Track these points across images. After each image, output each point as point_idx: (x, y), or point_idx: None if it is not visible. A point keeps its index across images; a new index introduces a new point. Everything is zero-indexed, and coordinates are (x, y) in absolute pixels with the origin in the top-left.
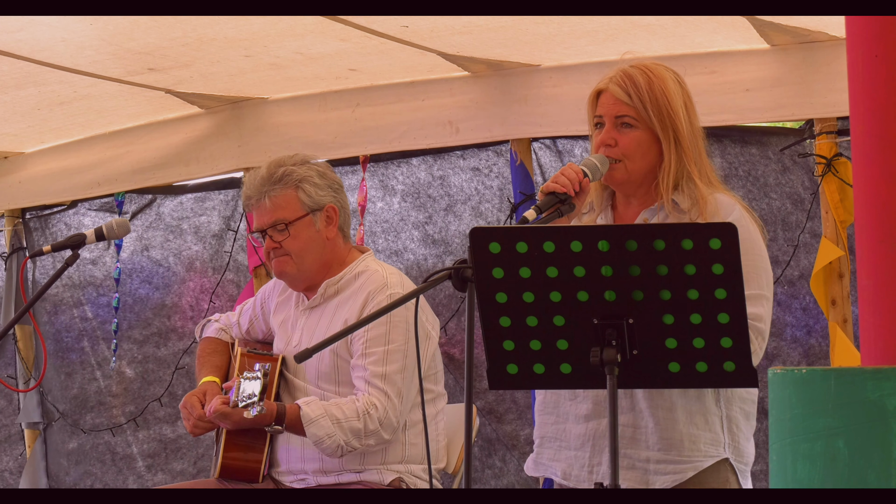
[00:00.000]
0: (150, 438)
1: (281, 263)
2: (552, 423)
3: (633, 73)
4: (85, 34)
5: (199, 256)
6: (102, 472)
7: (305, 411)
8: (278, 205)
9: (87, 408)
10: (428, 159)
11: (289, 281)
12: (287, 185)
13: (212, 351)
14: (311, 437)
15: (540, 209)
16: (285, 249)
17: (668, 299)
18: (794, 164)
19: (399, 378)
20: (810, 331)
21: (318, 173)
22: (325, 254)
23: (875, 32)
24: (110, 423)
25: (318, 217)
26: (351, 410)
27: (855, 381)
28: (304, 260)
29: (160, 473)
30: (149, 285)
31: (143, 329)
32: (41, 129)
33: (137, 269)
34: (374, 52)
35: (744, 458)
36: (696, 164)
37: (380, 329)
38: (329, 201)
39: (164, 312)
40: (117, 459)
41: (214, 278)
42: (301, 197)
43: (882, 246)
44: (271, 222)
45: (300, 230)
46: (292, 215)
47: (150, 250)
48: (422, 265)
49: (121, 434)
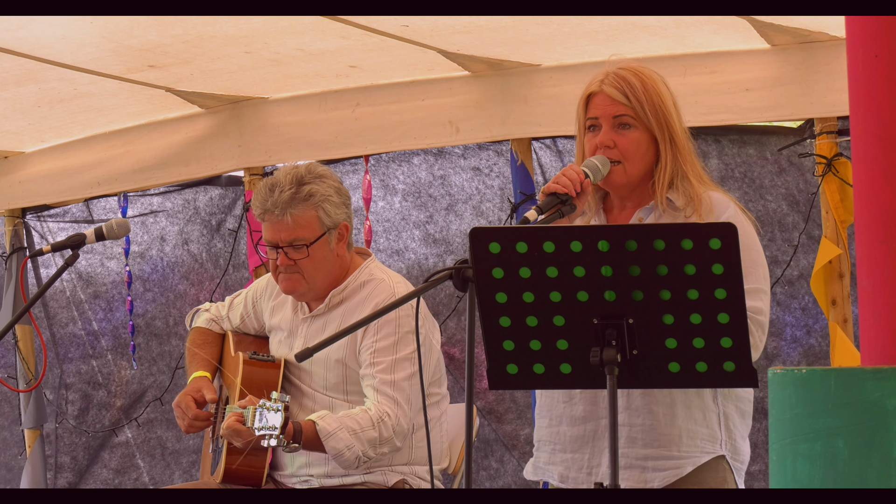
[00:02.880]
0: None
1: (292, 282)
2: (546, 426)
3: (626, 74)
4: (85, 31)
5: (201, 256)
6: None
7: (322, 426)
8: (300, 224)
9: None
10: (429, 158)
11: (297, 297)
12: (310, 205)
13: (202, 342)
14: (330, 451)
15: (541, 209)
16: (299, 267)
17: (668, 299)
18: (790, 165)
19: (407, 385)
20: (810, 331)
21: (335, 190)
22: (335, 269)
23: (875, 32)
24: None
25: (333, 235)
26: (365, 420)
27: (855, 381)
28: (316, 278)
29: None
30: (152, 285)
31: (149, 329)
32: (41, 128)
33: (138, 269)
34: (374, 49)
35: (740, 456)
36: (690, 163)
37: (388, 340)
38: (343, 219)
39: (165, 312)
40: (166, 454)
41: (215, 278)
42: (321, 216)
43: (882, 246)
44: (290, 240)
45: (317, 249)
46: (312, 235)
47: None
48: (423, 265)
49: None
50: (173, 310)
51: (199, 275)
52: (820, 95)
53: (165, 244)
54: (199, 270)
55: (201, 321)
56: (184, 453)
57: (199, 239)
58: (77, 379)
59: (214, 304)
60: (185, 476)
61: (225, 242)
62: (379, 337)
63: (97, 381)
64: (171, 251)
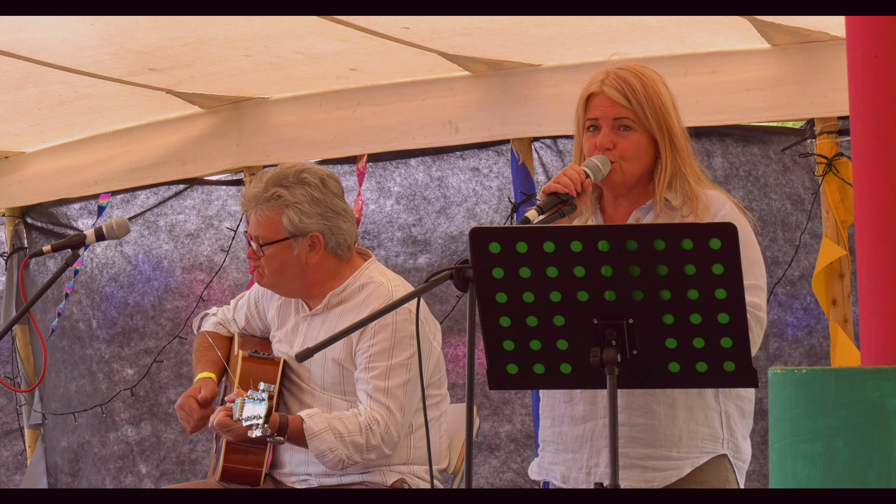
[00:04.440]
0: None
1: (256, 274)
2: (549, 426)
3: (626, 75)
4: (86, 34)
5: (204, 254)
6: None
7: (308, 424)
8: (261, 223)
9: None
10: (427, 160)
11: (273, 291)
12: (273, 207)
13: (208, 345)
14: (313, 450)
15: (542, 209)
16: (261, 263)
17: (668, 299)
18: (794, 164)
19: (401, 392)
20: (811, 331)
21: (310, 199)
22: (305, 277)
23: (875, 32)
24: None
25: (300, 243)
26: (353, 425)
27: (855, 381)
28: (277, 280)
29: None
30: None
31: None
32: (41, 129)
33: (139, 271)
34: (374, 52)
35: (741, 455)
36: (688, 163)
37: (384, 344)
38: (315, 229)
39: (167, 311)
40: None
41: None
42: (284, 221)
43: (882, 246)
44: (254, 234)
45: (277, 252)
46: (271, 236)
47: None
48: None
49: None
50: (174, 309)
51: (198, 275)
52: (820, 95)
53: (165, 244)
54: (198, 271)
55: (208, 325)
56: (184, 454)
57: (197, 239)
58: (76, 377)
59: (221, 308)
60: (185, 476)
61: (224, 243)
62: (375, 341)
63: (97, 380)
64: (171, 251)
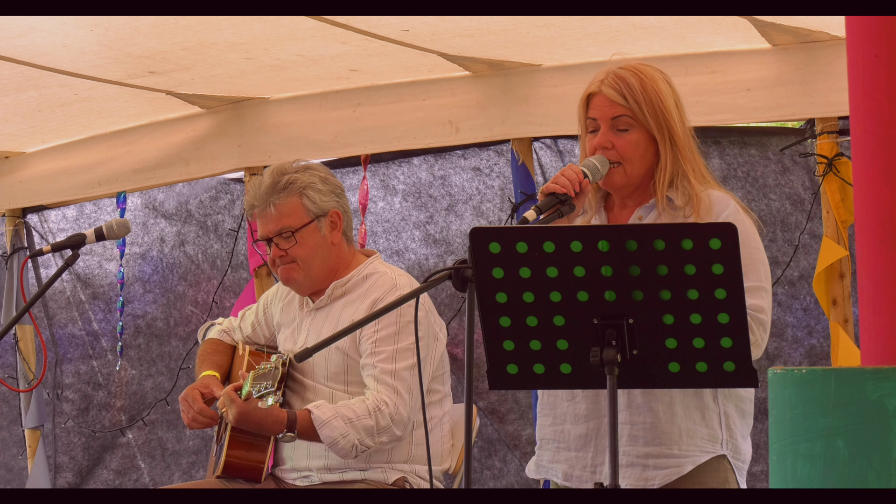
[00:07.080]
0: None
1: (288, 270)
2: (550, 424)
3: (625, 74)
4: (85, 39)
5: (197, 257)
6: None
7: (317, 414)
8: (283, 212)
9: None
10: (429, 159)
11: (296, 287)
12: (291, 193)
13: (213, 351)
14: (325, 439)
15: (540, 210)
16: (292, 256)
17: (668, 299)
18: (794, 165)
19: (409, 374)
20: (811, 331)
21: (320, 179)
22: (331, 259)
23: (875, 32)
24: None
25: (323, 223)
26: (361, 409)
27: (855, 381)
28: (311, 266)
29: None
30: (151, 286)
31: (147, 329)
32: (42, 130)
33: (139, 270)
34: (375, 53)
35: (741, 455)
36: (690, 161)
37: (389, 329)
38: (333, 206)
39: (165, 313)
40: (167, 455)
41: (216, 277)
42: (306, 203)
43: (882, 246)
44: (277, 230)
45: (306, 237)
46: (298, 222)
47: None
48: (423, 265)
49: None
50: (174, 310)
51: (197, 275)
52: (821, 95)
53: (164, 245)
54: (197, 271)
55: (213, 333)
56: (184, 454)
57: (195, 240)
58: (76, 379)
59: (227, 318)
60: (185, 477)
61: (223, 243)
62: (380, 326)
63: (97, 382)
64: (170, 252)
